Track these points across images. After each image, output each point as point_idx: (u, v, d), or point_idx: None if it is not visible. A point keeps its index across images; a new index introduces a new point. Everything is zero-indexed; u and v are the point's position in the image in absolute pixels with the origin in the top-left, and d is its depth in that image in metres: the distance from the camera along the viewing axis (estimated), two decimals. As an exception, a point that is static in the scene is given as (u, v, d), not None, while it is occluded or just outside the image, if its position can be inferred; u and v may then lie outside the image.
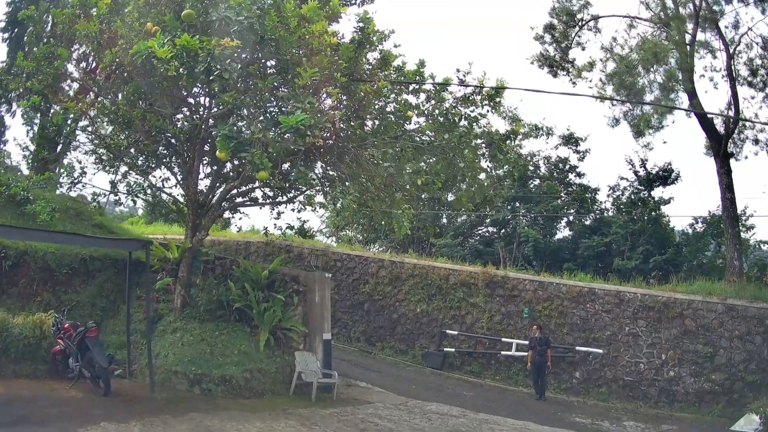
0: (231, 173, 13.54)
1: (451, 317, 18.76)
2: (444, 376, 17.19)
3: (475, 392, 15.55)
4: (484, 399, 14.72)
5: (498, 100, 12.24)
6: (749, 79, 20.42)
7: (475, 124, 12.00)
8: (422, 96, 12.36)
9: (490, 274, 18.63)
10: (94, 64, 13.78)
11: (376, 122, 11.60)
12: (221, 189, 13.57)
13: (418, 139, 11.60)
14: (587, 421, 13.40)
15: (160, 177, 14.99)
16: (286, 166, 11.82)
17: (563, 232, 28.64)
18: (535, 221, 27.39)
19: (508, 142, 12.17)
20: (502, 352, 17.46)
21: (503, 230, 29.17)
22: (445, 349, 18.28)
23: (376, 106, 11.54)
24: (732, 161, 19.86)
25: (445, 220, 31.99)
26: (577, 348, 16.49)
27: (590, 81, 21.40)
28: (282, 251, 22.38)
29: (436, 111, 12.13)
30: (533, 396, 15.52)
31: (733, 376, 14.78)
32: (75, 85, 13.79)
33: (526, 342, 16.38)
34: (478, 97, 12.29)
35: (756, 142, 21.30)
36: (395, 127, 11.38)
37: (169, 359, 11.73)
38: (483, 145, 12.14)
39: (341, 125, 10.78)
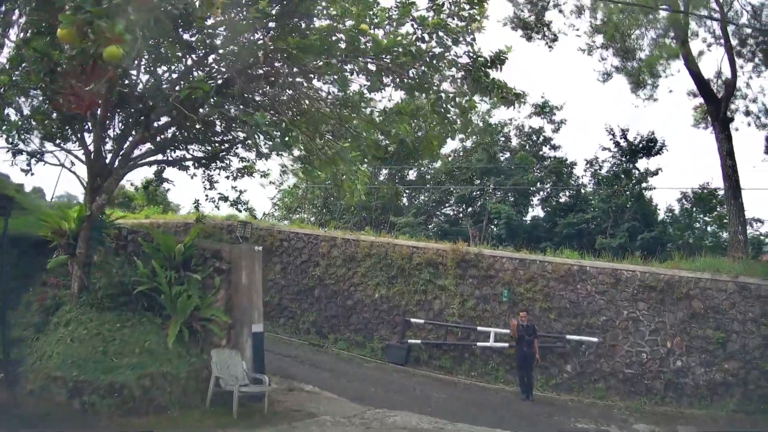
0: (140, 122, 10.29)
1: (415, 303, 15.88)
2: (409, 374, 14.29)
3: (447, 393, 12.68)
4: (461, 402, 11.88)
5: (479, 18, 9.32)
6: (738, 48, 19.02)
7: (453, 47, 9.08)
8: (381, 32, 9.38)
9: (461, 251, 15.81)
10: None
11: (318, 41, 8.45)
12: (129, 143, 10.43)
13: (373, 60, 8.56)
14: (590, 426, 10.78)
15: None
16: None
17: (535, 210, 26.17)
18: (506, 197, 24.73)
19: (493, 69, 9.30)
20: (478, 344, 14.67)
21: (470, 208, 26.45)
22: (410, 340, 15.37)
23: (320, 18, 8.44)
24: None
25: (405, 201, 29.20)
26: (568, 336, 13.93)
27: (577, 30, 18.86)
28: (223, 231, 19.16)
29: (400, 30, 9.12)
30: (518, 395, 12.79)
31: (748, 365, 12.89)
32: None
33: (507, 330, 13.70)
34: (454, 22, 9.32)
35: (747, 113, 20.22)
36: (345, 45, 8.34)
37: (52, 361, 8.78)
38: (462, 73, 9.20)
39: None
